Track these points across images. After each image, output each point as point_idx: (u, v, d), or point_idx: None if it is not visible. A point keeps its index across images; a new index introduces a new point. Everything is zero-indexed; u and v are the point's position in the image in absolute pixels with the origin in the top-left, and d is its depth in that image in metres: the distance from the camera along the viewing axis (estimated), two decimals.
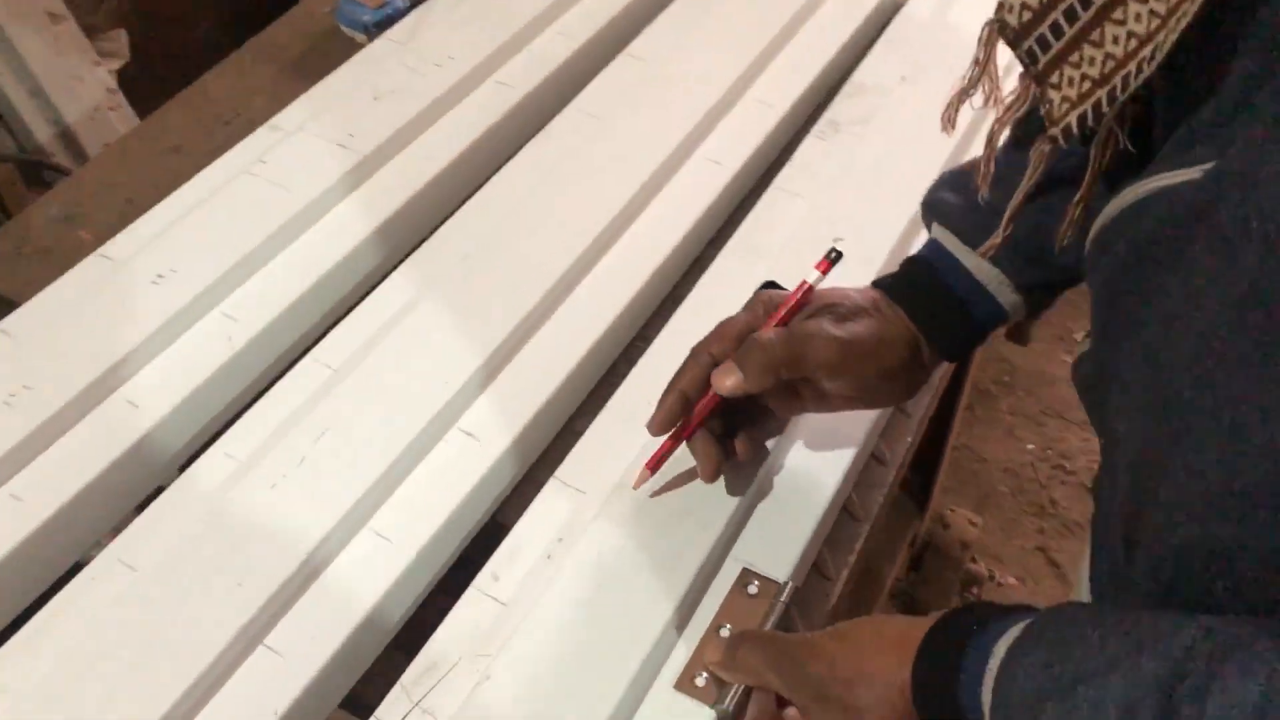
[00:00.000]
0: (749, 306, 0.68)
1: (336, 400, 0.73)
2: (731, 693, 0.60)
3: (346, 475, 0.69)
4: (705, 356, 0.67)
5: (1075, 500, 1.81)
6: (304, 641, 0.63)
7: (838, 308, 0.66)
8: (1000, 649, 0.49)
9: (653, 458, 0.67)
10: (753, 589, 0.65)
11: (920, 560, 1.65)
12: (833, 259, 0.67)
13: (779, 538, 0.68)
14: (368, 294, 0.81)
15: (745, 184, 0.91)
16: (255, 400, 0.75)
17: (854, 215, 0.84)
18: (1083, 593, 0.83)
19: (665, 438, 0.67)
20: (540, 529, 0.69)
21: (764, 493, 0.70)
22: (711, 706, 0.60)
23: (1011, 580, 1.72)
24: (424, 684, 0.62)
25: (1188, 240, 0.44)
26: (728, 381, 0.64)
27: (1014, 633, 0.49)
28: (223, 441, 0.71)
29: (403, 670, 0.63)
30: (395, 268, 0.82)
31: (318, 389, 0.74)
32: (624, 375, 0.78)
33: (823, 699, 0.54)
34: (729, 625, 0.63)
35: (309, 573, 0.65)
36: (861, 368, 0.65)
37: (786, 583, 0.64)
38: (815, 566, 0.71)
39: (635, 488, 0.67)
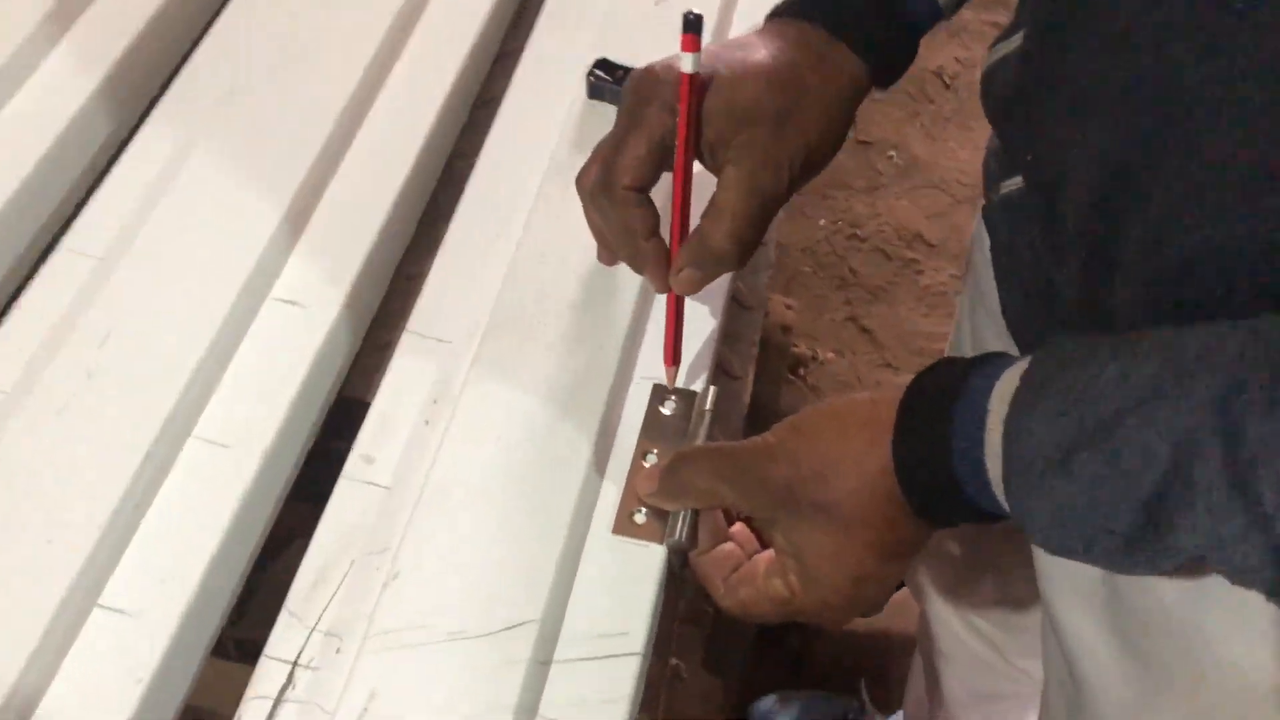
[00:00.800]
0: (628, 113, 0.52)
1: (112, 293, 0.58)
2: (680, 522, 0.52)
3: (151, 380, 0.55)
4: (625, 193, 0.51)
5: (873, 266, 1.83)
6: (150, 591, 0.50)
7: (761, 99, 0.51)
8: (996, 406, 0.43)
9: (668, 350, 0.56)
10: (669, 407, 0.57)
11: None
12: (693, 23, 0.49)
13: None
14: (115, 159, 0.65)
15: None
16: (2, 315, 0.59)
17: None
18: (964, 346, 0.79)
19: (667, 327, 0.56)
20: (407, 393, 0.57)
21: (651, 304, 0.61)
22: (663, 543, 0.52)
23: (830, 355, 1.73)
24: (316, 601, 0.51)
25: None
26: (684, 286, 0.53)
27: (1006, 386, 0.43)
28: None
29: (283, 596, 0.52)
30: (141, 122, 0.66)
31: (84, 285, 0.59)
32: (451, 204, 0.66)
33: (790, 504, 0.47)
34: (655, 452, 0.55)
35: (135, 505, 0.52)
36: (823, 158, 0.54)
37: (707, 388, 0.56)
38: (719, 368, 0.63)
39: (670, 386, 0.57)
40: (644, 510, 0.53)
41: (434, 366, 0.58)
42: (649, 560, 0.52)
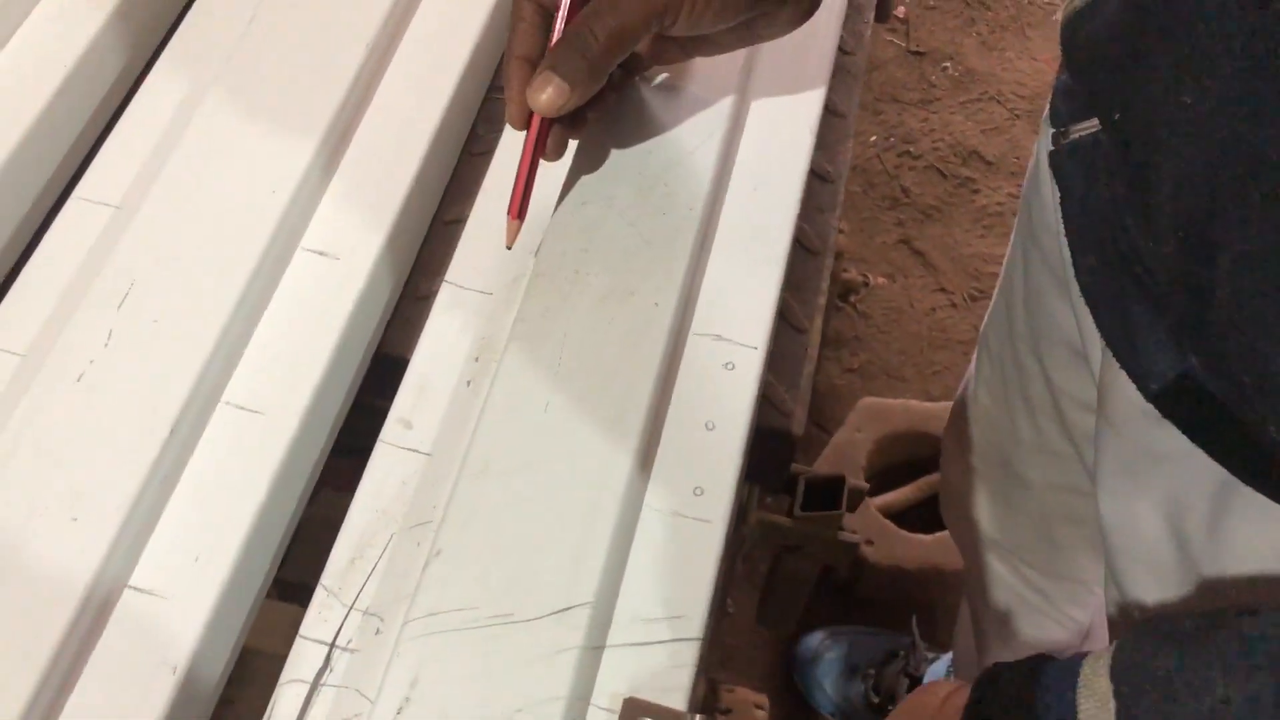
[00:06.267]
0: None
1: (132, 245, 0.54)
2: None
3: (176, 341, 0.52)
4: (528, 5, 0.50)
5: (926, 184, 1.76)
6: (182, 571, 0.48)
7: None
8: None
9: (513, 202, 0.52)
10: None
11: None
12: None
13: (740, 296, 0.55)
14: (130, 98, 0.60)
15: None
16: (15, 272, 0.55)
17: None
18: (1017, 307, 0.73)
19: (518, 173, 0.52)
20: (447, 350, 0.54)
21: (709, 251, 0.56)
22: None
23: (881, 280, 1.67)
24: (353, 580, 0.48)
25: None
26: (542, 97, 0.48)
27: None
28: None
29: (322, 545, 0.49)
30: (156, 57, 0.62)
31: (101, 236, 0.55)
32: (493, 142, 0.62)
33: None
34: None
35: (163, 479, 0.49)
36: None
37: (693, 716, 0.45)
38: (783, 319, 0.59)
39: (509, 246, 0.53)
40: None
41: (475, 321, 0.54)
42: (706, 539, 0.48)
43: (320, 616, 0.48)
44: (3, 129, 0.58)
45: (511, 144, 0.60)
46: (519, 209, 0.52)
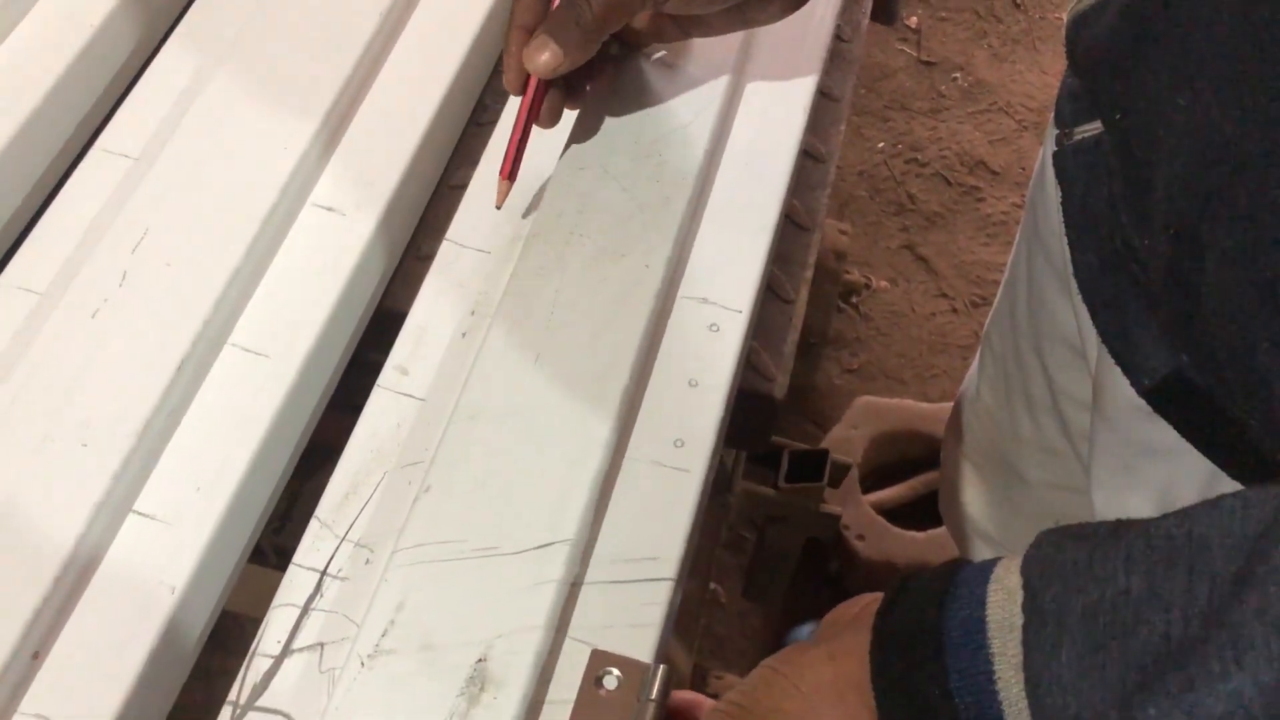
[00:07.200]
0: None
1: (148, 194, 0.57)
2: None
3: (186, 284, 0.54)
4: None
5: (932, 191, 1.78)
6: (184, 499, 0.50)
7: None
8: (1001, 646, 0.36)
9: (505, 163, 0.55)
10: (610, 682, 0.45)
11: None
12: None
13: (728, 263, 0.57)
14: (151, 60, 0.63)
15: None
16: (37, 216, 0.58)
17: None
18: (1020, 301, 0.75)
19: (512, 135, 0.55)
20: (445, 304, 0.56)
21: (700, 219, 0.58)
22: None
23: (884, 283, 1.69)
24: (347, 512, 0.51)
25: None
26: (538, 59, 0.51)
27: (1002, 614, 0.36)
28: (9, 275, 0.55)
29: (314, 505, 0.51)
30: (178, 22, 0.64)
31: (120, 184, 0.58)
32: (499, 113, 0.64)
33: None
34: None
35: (170, 412, 0.52)
36: None
37: (655, 668, 0.46)
38: (770, 289, 0.61)
39: (499, 206, 0.56)
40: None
41: (473, 277, 0.57)
42: (685, 487, 0.51)
43: (313, 546, 0.50)
44: (31, 82, 0.60)
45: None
46: (510, 170, 0.55)
